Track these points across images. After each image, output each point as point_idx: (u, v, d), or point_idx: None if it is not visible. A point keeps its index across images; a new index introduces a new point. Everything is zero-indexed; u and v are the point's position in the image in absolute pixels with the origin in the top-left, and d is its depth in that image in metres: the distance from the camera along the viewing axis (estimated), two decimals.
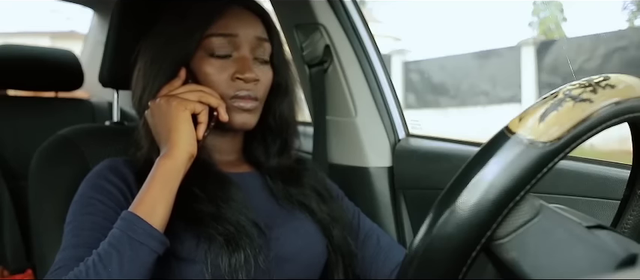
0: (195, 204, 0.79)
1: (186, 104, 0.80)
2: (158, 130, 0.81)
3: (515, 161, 0.42)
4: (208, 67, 0.85)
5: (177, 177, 0.76)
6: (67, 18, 9.94)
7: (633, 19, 5.59)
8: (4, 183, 1.64)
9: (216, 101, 0.82)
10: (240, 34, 0.85)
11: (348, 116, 1.24)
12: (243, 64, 0.85)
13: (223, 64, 0.85)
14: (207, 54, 0.85)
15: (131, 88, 0.90)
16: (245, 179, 0.89)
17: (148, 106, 0.83)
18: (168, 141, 0.78)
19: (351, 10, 1.23)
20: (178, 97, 0.80)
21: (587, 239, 0.45)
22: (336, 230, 0.89)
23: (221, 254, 0.75)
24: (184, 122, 0.78)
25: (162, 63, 0.85)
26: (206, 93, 0.82)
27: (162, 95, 0.82)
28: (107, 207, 0.78)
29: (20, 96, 1.97)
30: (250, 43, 0.86)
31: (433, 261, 0.43)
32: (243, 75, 0.84)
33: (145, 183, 0.76)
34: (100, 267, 0.68)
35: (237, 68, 0.84)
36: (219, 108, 0.83)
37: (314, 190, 0.92)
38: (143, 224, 0.71)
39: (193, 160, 0.79)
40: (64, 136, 0.99)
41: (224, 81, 0.84)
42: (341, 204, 0.97)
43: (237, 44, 0.85)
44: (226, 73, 0.84)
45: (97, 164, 0.86)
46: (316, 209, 0.89)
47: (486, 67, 7.70)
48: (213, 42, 0.85)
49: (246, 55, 0.86)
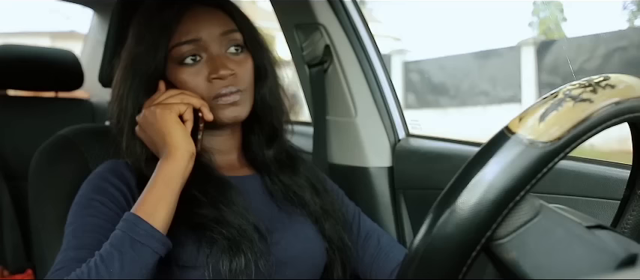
0: (197, 208, 0.79)
1: (170, 107, 0.79)
2: (153, 140, 0.81)
3: (515, 161, 0.42)
4: (182, 75, 0.84)
5: (179, 179, 0.76)
6: (67, 18, 9.93)
7: (633, 19, 5.59)
8: (4, 183, 1.64)
9: (198, 101, 0.82)
10: (203, 37, 0.84)
11: (348, 116, 1.24)
12: (214, 63, 0.83)
13: (196, 69, 0.84)
14: (178, 63, 0.84)
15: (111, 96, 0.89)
16: (245, 182, 0.89)
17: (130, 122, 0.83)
18: (166, 145, 0.78)
19: (351, 10, 1.23)
20: (161, 104, 0.80)
21: (587, 239, 0.45)
22: (328, 224, 0.89)
23: (222, 259, 0.75)
24: (175, 123, 0.79)
25: (140, 79, 0.84)
26: (187, 95, 0.82)
27: (146, 106, 0.82)
28: (108, 209, 0.78)
29: (20, 96, 1.97)
30: (217, 40, 0.85)
31: (433, 261, 0.43)
32: (218, 73, 0.83)
33: (147, 185, 0.76)
34: (102, 268, 0.68)
35: (210, 69, 0.84)
36: (202, 108, 0.82)
37: (308, 181, 0.92)
38: (145, 226, 0.71)
39: (194, 163, 0.79)
40: (64, 136, 0.99)
41: (201, 84, 0.84)
42: (335, 197, 0.96)
43: (203, 46, 0.84)
44: (201, 76, 0.84)
45: (97, 164, 0.86)
46: (309, 201, 0.89)
47: (486, 67, 7.69)
48: (180, 50, 0.84)
49: (215, 54, 0.84)
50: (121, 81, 0.86)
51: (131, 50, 0.86)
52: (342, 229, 0.91)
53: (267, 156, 0.92)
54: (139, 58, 0.85)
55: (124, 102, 0.85)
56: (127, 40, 0.88)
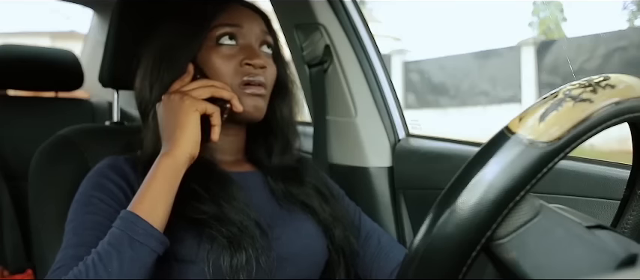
0: (198, 203, 0.78)
1: (197, 104, 0.79)
2: (165, 125, 0.80)
3: (515, 161, 0.42)
4: (215, 56, 0.85)
5: (177, 176, 0.76)
6: (67, 18, 9.95)
7: (633, 19, 5.59)
8: (4, 183, 1.64)
9: (228, 94, 0.83)
10: (244, 26, 0.87)
11: (348, 116, 1.24)
12: (251, 50, 0.86)
13: (231, 51, 0.86)
14: (214, 43, 0.86)
15: (134, 88, 0.90)
16: (246, 178, 0.89)
17: (157, 103, 0.83)
18: (171, 138, 0.78)
19: (351, 10, 1.23)
20: (191, 96, 0.80)
21: (587, 239, 0.45)
22: (338, 230, 0.89)
23: (223, 255, 0.74)
24: (192, 122, 0.78)
25: (170, 60, 0.85)
26: (218, 88, 0.83)
27: (174, 90, 0.82)
28: (108, 206, 0.78)
29: (20, 96, 1.97)
30: (255, 34, 0.88)
31: (433, 261, 0.43)
32: (252, 60, 0.85)
33: (144, 180, 0.75)
34: (100, 267, 0.68)
35: (245, 55, 0.86)
36: (232, 101, 0.83)
37: (316, 189, 0.92)
38: (143, 224, 0.70)
39: (195, 160, 0.79)
40: (64, 136, 0.99)
41: (232, 68, 0.85)
42: (343, 203, 0.97)
43: (242, 33, 0.87)
44: (234, 60, 0.85)
45: (97, 164, 0.86)
46: (318, 209, 0.89)
47: (486, 67, 7.70)
48: (219, 31, 0.86)
49: (252, 42, 0.87)
50: (152, 64, 0.87)
51: (165, 35, 0.88)
52: (351, 234, 0.91)
53: (274, 163, 0.93)
54: (178, 35, 0.86)
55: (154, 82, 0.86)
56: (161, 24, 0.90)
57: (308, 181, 0.92)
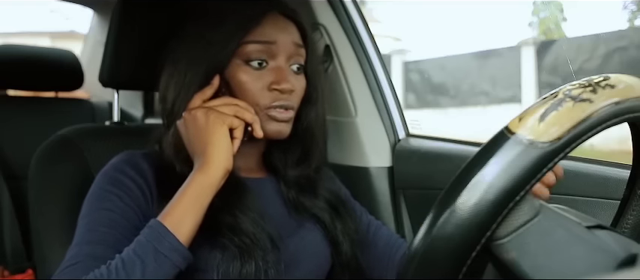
0: (213, 212, 0.77)
1: (224, 118, 0.77)
2: (193, 142, 0.78)
3: (515, 161, 0.42)
4: (244, 75, 0.81)
5: (210, 193, 0.74)
6: (67, 18, 9.93)
7: (633, 19, 5.58)
8: (4, 183, 1.64)
9: (251, 116, 0.80)
10: (278, 41, 0.82)
11: (348, 116, 1.24)
12: (280, 73, 0.82)
13: (259, 73, 0.82)
14: (243, 61, 0.82)
15: (159, 92, 0.87)
16: (260, 184, 0.88)
17: (181, 115, 0.81)
18: (204, 155, 0.75)
19: (351, 10, 1.23)
20: (216, 111, 0.78)
21: (587, 239, 0.45)
22: (346, 246, 0.88)
23: (233, 264, 0.74)
24: (223, 137, 0.76)
25: (198, 69, 0.82)
26: (242, 108, 0.80)
27: (196, 106, 0.80)
28: (125, 204, 0.76)
29: (20, 96, 1.97)
30: (287, 50, 0.83)
31: (433, 261, 0.43)
32: (280, 85, 0.81)
33: (176, 194, 0.74)
34: (123, 274, 0.67)
35: (274, 78, 0.81)
36: (253, 125, 0.80)
37: (329, 203, 0.91)
38: (170, 238, 0.70)
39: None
40: (64, 136, 0.99)
41: (260, 90, 0.81)
42: (354, 215, 0.95)
43: (274, 52, 0.82)
44: (262, 82, 0.81)
45: (97, 164, 0.85)
46: (329, 224, 0.88)
47: (486, 67, 7.69)
48: (249, 49, 0.81)
49: (282, 64, 0.83)
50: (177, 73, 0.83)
51: (192, 41, 0.83)
52: (359, 250, 0.90)
53: (289, 172, 0.90)
54: (209, 44, 0.82)
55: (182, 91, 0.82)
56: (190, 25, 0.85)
57: (322, 194, 0.91)
